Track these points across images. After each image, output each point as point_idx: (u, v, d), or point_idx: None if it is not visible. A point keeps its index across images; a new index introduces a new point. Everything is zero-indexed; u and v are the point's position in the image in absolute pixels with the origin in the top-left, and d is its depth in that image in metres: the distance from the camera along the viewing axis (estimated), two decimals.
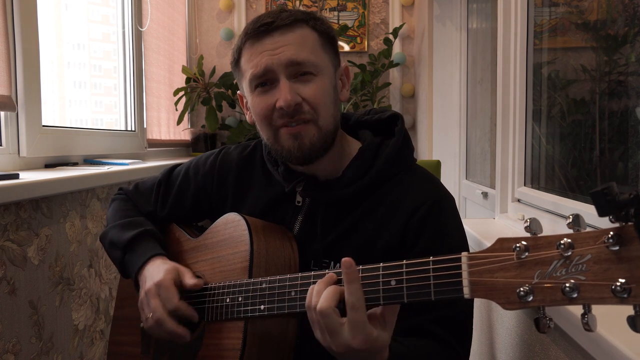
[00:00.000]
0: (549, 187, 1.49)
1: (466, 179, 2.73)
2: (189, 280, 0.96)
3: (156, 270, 0.97)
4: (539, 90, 1.57)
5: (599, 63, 1.31)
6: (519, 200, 1.56)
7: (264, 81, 0.93)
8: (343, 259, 0.74)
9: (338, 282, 0.76)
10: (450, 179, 2.76)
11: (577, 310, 0.76)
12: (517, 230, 1.41)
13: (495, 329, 1.32)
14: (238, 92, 1.06)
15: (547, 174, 1.54)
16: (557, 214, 1.28)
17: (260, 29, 0.92)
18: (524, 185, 1.57)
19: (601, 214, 0.53)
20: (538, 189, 1.50)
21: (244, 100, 1.04)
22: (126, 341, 1.13)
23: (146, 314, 0.96)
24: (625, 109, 1.16)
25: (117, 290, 1.23)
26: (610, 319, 0.64)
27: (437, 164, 1.64)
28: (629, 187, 1.13)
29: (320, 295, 0.74)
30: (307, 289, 0.80)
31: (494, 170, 1.70)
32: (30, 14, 1.47)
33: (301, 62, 0.91)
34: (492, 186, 2.00)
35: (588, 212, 1.13)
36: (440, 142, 2.84)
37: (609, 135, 1.24)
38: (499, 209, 1.61)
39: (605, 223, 1.01)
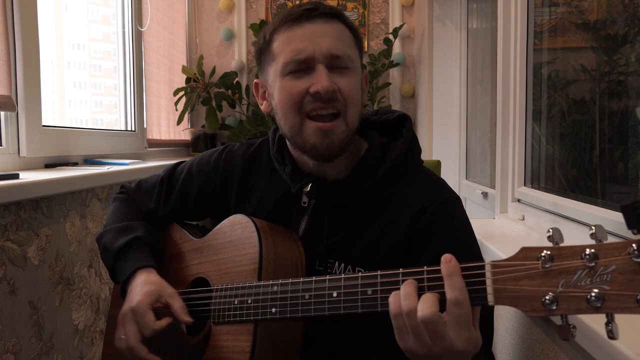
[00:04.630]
0: (549, 187, 1.49)
1: (466, 179, 2.73)
2: (184, 316, 0.93)
3: (135, 291, 0.96)
4: (539, 90, 1.57)
5: (599, 63, 1.31)
6: (519, 200, 1.56)
7: (301, 68, 0.92)
8: (444, 255, 0.70)
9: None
10: (450, 179, 2.77)
11: None
12: (517, 230, 1.41)
13: (495, 329, 1.32)
14: (257, 80, 1.04)
15: (547, 174, 1.54)
16: (557, 214, 1.28)
17: (301, 13, 0.92)
18: (524, 185, 1.57)
19: (630, 226, 0.55)
20: (538, 189, 1.50)
21: (261, 90, 1.02)
22: None
23: (119, 335, 0.95)
24: (625, 109, 1.16)
25: (113, 289, 1.22)
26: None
27: (437, 164, 1.64)
28: (629, 187, 1.13)
29: (411, 298, 0.70)
30: (322, 293, 0.80)
31: (494, 170, 1.70)
32: (30, 14, 1.47)
33: (341, 56, 0.92)
34: (492, 186, 2.00)
35: (588, 212, 1.13)
36: (440, 142, 2.84)
37: (609, 135, 1.24)
38: (499, 209, 1.61)
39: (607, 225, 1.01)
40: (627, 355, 0.64)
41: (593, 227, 0.59)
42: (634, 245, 0.56)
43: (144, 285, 0.97)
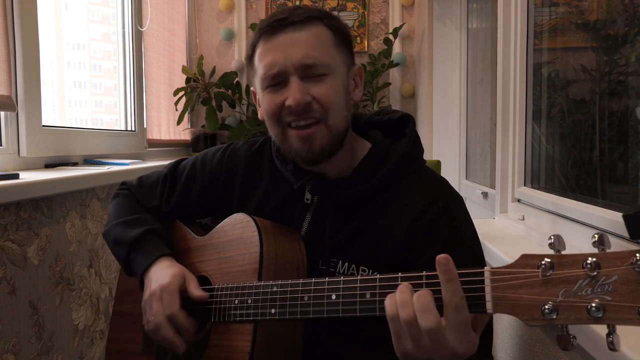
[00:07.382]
0: (549, 187, 1.49)
1: (466, 179, 2.73)
2: (195, 290, 0.95)
3: (163, 273, 0.96)
4: (539, 90, 1.57)
5: (599, 63, 1.31)
6: (519, 200, 1.56)
7: (276, 82, 0.93)
8: (438, 257, 0.67)
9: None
10: (450, 179, 2.74)
11: None
12: (517, 230, 1.41)
13: (495, 329, 1.32)
14: (252, 88, 1.05)
15: (547, 174, 1.54)
16: (557, 214, 1.28)
17: (273, 25, 0.92)
18: (524, 185, 1.57)
19: (633, 236, 0.54)
20: (538, 189, 1.50)
21: (257, 96, 1.03)
22: (126, 338, 1.12)
23: (148, 317, 0.95)
24: (625, 109, 1.16)
25: (116, 286, 1.22)
26: None
27: (437, 164, 1.64)
28: (629, 187, 1.13)
29: (408, 306, 0.68)
30: (321, 295, 0.79)
31: (494, 170, 1.70)
32: (30, 14, 1.47)
33: (313, 64, 0.91)
34: (492, 186, 2.00)
35: (588, 212, 1.13)
36: (440, 142, 2.84)
37: (609, 135, 1.24)
38: (499, 209, 1.61)
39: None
40: (628, 356, 0.64)
41: (596, 236, 0.58)
42: (637, 255, 0.55)
43: (170, 267, 0.97)
